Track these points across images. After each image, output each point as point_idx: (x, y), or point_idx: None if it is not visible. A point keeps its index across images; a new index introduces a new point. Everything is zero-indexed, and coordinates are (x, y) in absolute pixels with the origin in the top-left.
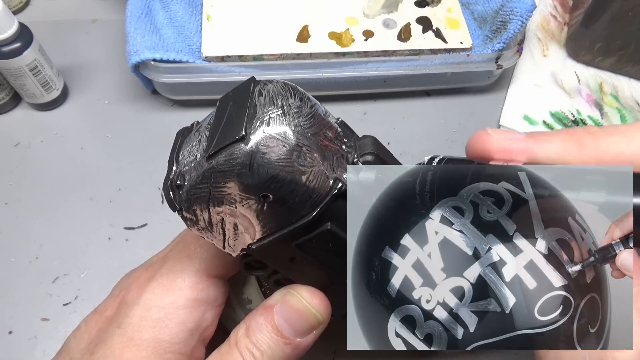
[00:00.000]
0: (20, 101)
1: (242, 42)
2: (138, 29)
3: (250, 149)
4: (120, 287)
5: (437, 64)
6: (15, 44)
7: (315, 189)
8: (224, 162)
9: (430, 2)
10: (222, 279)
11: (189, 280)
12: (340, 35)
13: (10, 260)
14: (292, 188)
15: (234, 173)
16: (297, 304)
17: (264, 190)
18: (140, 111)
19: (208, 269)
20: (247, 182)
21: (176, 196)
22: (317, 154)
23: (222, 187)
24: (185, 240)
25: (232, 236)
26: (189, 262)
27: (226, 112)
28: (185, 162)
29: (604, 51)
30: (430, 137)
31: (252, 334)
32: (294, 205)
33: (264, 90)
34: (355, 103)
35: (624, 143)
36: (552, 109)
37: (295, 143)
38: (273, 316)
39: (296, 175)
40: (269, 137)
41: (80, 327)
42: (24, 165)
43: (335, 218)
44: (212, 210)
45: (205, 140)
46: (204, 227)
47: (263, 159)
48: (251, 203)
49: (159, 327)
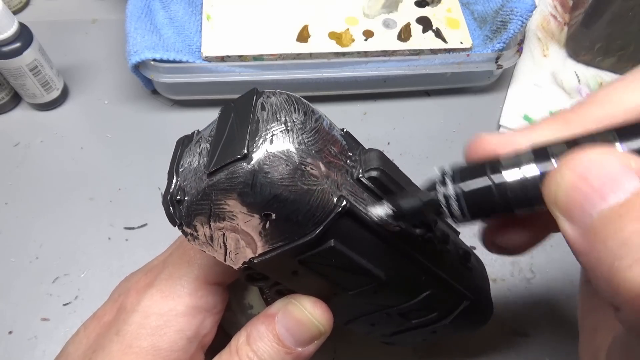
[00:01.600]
0: (20, 101)
1: (242, 42)
2: (138, 29)
3: (252, 168)
4: (119, 292)
5: (437, 64)
6: (15, 44)
7: (319, 207)
8: (225, 180)
9: (430, 2)
10: (222, 286)
11: (188, 287)
12: (340, 35)
13: (10, 260)
14: (295, 207)
15: (236, 192)
16: (299, 314)
17: (266, 209)
18: (140, 111)
19: (207, 276)
20: (249, 201)
21: (176, 211)
22: (321, 172)
23: (223, 204)
24: (185, 246)
25: (234, 250)
26: (188, 268)
27: (227, 125)
28: (186, 176)
29: (604, 51)
30: (430, 137)
31: (253, 342)
32: (297, 223)
33: (266, 104)
34: (355, 103)
35: (599, 107)
36: (552, 109)
37: (299, 162)
38: (274, 325)
39: (299, 195)
40: (272, 155)
41: (79, 332)
42: (24, 165)
43: (339, 235)
44: (213, 226)
45: (207, 155)
46: (205, 242)
47: (266, 178)
48: (253, 221)
49: (158, 335)
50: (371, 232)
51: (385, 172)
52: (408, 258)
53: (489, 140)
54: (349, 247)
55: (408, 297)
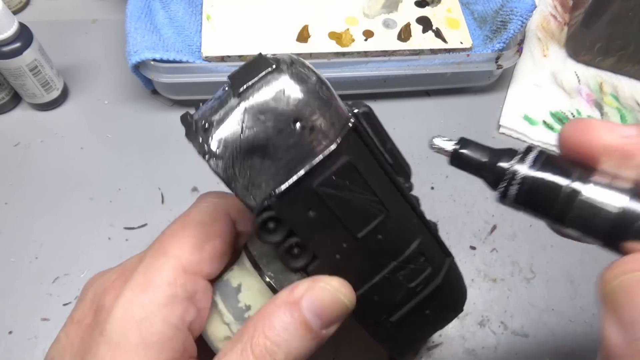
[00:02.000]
0: (20, 101)
1: (242, 42)
2: (138, 29)
3: (283, 76)
4: (93, 291)
5: (437, 64)
6: (15, 44)
7: (336, 120)
8: (257, 93)
9: (430, 2)
10: (201, 277)
11: (166, 277)
12: (340, 35)
13: (10, 260)
14: (320, 113)
15: (268, 102)
16: (330, 294)
17: (296, 115)
18: (140, 111)
19: (185, 266)
20: (281, 109)
21: (203, 137)
22: (334, 92)
23: (254, 119)
24: (161, 240)
25: (257, 183)
26: (164, 258)
27: (241, 73)
28: (209, 108)
29: (604, 51)
30: (430, 137)
31: (275, 334)
32: (321, 131)
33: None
34: None
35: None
36: (552, 109)
37: (318, 76)
38: (301, 312)
39: (323, 102)
40: (298, 68)
41: (60, 339)
42: (24, 165)
43: (352, 153)
44: (242, 148)
45: (227, 88)
46: (231, 174)
47: (295, 86)
48: (283, 132)
49: (144, 327)
50: (377, 160)
51: (373, 114)
52: (403, 196)
53: (594, 127)
54: (360, 170)
55: (406, 242)
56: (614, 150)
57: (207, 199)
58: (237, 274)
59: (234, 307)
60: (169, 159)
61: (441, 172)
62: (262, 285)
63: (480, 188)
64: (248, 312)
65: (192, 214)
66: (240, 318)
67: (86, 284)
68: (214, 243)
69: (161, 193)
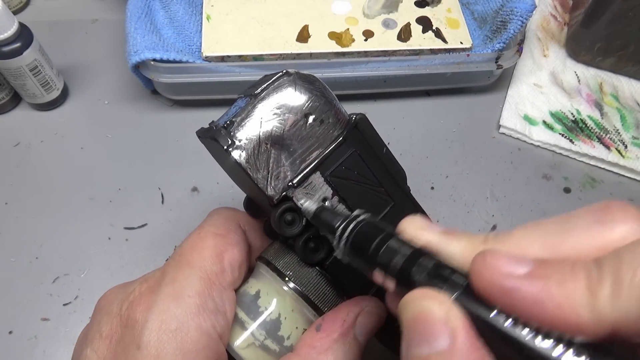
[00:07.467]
0: (20, 101)
1: (242, 42)
2: (138, 29)
3: (293, 77)
4: (118, 306)
5: (437, 64)
6: (15, 44)
7: (340, 116)
8: (273, 92)
9: (430, 2)
10: (225, 287)
11: (196, 287)
12: (340, 35)
13: (10, 260)
14: (326, 109)
15: (282, 99)
16: (379, 317)
17: (307, 109)
18: (140, 111)
19: (210, 276)
20: (293, 104)
21: (225, 133)
22: (334, 96)
23: (271, 114)
24: (180, 253)
25: (275, 173)
26: (190, 270)
27: (257, 81)
28: (229, 113)
29: (604, 51)
30: (430, 137)
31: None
32: (329, 125)
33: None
34: (355, 103)
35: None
36: (552, 109)
37: (320, 81)
38: (354, 337)
39: (328, 100)
40: (303, 73)
41: (89, 356)
42: (24, 165)
43: (357, 146)
44: (261, 139)
45: (244, 97)
46: (252, 164)
47: (303, 84)
48: (297, 125)
49: (179, 337)
50: (378, 156)
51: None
52: (402, 189)
53: (415, 224)
54: (366, 161)
55: None
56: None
57: (219, 212)
58: (254, 282)
59: (254, 313)
60: (169, 159)
61: (441, 172)
62: (279, 286)
63: (480, 188)
64: (269, 314)
65: (207, 227)
66: (263, 323)
67: (101, 299)
68: (232, 252)
69: (161, 193)
